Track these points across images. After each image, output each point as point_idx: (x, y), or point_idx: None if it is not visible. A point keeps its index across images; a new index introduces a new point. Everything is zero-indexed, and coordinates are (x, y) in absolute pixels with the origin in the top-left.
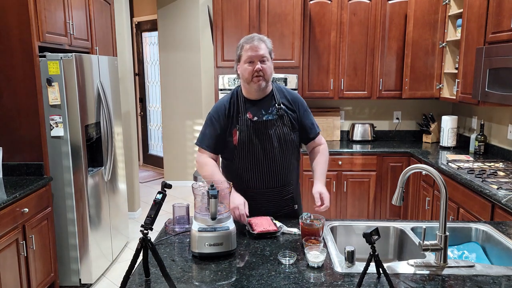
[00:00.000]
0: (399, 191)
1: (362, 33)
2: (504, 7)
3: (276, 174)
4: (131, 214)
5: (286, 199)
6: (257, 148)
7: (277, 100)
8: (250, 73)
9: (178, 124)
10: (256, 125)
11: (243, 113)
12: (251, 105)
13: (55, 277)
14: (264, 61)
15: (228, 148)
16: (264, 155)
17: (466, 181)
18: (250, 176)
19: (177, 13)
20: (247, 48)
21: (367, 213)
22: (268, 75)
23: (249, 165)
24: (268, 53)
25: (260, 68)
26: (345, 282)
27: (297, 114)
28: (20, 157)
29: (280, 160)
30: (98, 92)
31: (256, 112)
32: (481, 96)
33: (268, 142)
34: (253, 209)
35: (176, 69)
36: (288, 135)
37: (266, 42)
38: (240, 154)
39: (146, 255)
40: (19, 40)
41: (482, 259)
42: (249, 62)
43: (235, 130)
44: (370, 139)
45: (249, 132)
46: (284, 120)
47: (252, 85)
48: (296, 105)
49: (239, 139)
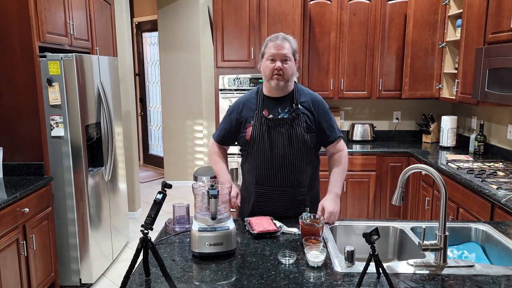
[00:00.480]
0: (398, 191)
1: (362, 33)
2: (504, 7)
3: (285, 174)
4: (131, 214)
5: (297, 201)
6: (267, 145)
7: (296, 100)
8: (270, 70)
9: (178, 124)
10: (269, 122)
11: (259, 110)
12: (270, 102)
13: (55, 277)
14: (285, 61)
15: (242, 143)
16: (273, 153)
17: (466, 181)
18: (260, 172)
19: (177, 13)
20: (271, 46)
21: (367, 213)
22: (289, 74)
23: (259, 162)
24: (292, 53)
25: (281, 67)
26: (345, 282)
27: (315, 116)
28: (20, 157)
29: (289, 160)
30: (99, 92)
31: (272, 110)
32: (481, 96)
33: (278, 140)
34: (262, 206)
35: (176, 69)
36: (300, 136)
37: (291, 42)
38: (251, 149)
39: (147, 255)
40: (20, 40)
41: (481, 259)
42: (271, 60)
43: (248, 125)
44: (370, 139)
45: (262, 129)
46: (300, 120)
47: (271, 82)
48: (315, 106)
49: (251, 135)
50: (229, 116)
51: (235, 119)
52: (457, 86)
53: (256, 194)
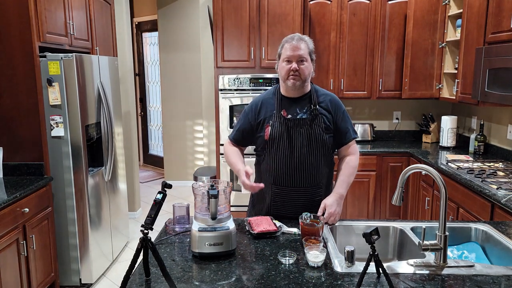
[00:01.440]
0: (398, 191)
1: (362, 33)
2: (504, 7)
3: (303, 173)
4: (131, 214)
5: (314, 201)
6: (286, 145)
7: (314, 101)
8: (286, 71)
9: (178, 124)
10: (288, 122)
11: (278, 110)
12: (288, 103)
13: (55, 277)
14: (302, 61)
15: (259, 143)
16: (292, 153)
17: (466, 181)
18: (278, 172)
19: (177, 13)
20: (287, 47)
21: (367, 213)
22: (305, 75)
23: (278, 161)
24: (308, 53)
25: (297, 68)
26: (345, 281)
27: (333, 116)
28: (20, 157)
29: (308, 160)
30: (99, 92)
31: (291, 110)
32: (481, 96)
33: (298, 140)
34: (279, 206)
35: (176, 69)
36: (319, 136)
37: (307, 43)
38: (270, 149)
39: (147, 255)
40: (20, 40)
41: (481, 259)
42: (287, 61)
43: (267, 126)
44: (370, 139)
45: (281, 129)
46: (318, 120)
47: (287, 83)
48: (333, 107)
49: (270, 134)
50: (246, 117)
51: (253, 119)
52: (457, 86)
53: (273, 194)
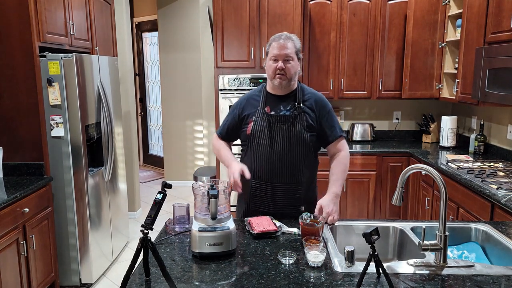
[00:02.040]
0: (398, 191)
1: (362, 33)
2: (504, 7)
3: (282, 170)
4: (131, 214)
5: (293, 198)
6: (266, 140)
7: (298, 99)
8: (273, 70)
9: (178, 124)
10: (270, 118)
11: (262, 106)
12: (273, 100)
13: (55, 277)
14: (288, 60)
15: (243, 137)
16: (272, 148)
17: (466, 181)
18: (258, 167)
19: (177, 13)
20: (274, 45)
21: (367, 213)
22: (291, 74)
23: (258, 156)
24: (295, 52)
25: (283, 67)
26: (345, 282)
27: (317, 115)
28: (20, 157)
29: (288, 156)
30: (99, 92)
31: (275, 107)
32: (481, 96)
33: (278, 137)
34: (259, 200)
35: (176, 69)
36: (300, 134)
37: (294, 41)
38: (251, 144)
39: (147, 255)
40: (20, 40)
41: (481, 259)
42: (274, 59)
43: (250, 121)
44: (370, 139)
45: (263, 124)
46: (301, 118)
47: (274, 81)
48: (318, 106)
49: (252, 129)
50: (232, 112)
51: (237, 115)
52: (457, 86)
53: (252, 188)
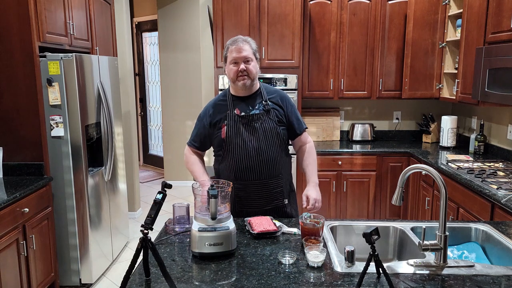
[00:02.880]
0: (399, 191)
1: (362, 33)
2: (504, 7)
3: (262, 166)
4: (131, 214)
5: (275, 192)
6: (243, 140)
7: (264, 97)
8: (235, 73)
9: (178, 124)
10: (243, 119)
11: (231, 110)
12: (240, 102)
13: (55, 277)
14: (248, 62)
15: (217, 143)
16: (249, 148)
17: (466, 181)
18: (238, 168)
19: (177, 13)
20: (232, 49)
21: (367, 213)
22: (253, 74)
23: (236, 158)
24: (253, 53)
25: (244, 68)
26: (345, 282)
27: (285, 110)
28: (20, 157)
29: (266, 153)
30: (99, 92)
31: (243, 108)
32: (481, 96)
33: (254, 135)
34: (244, 200)
35: (176, 69)
36: (274, 129)
37: (250, 43)
38: (228, 147)
39: (146, 255)
40: (19, 40)
41: (481, 259)
42: (234, 63)
43: (223, 125)
44: (370, 139)
45: (236, 126)
46: (271, 114)
47: (237, 83)
48: (283, 102)
49: (227, 133)
50: (201, 122)
51: (208, 123)
52: (457, 86)
53: (236, 189)
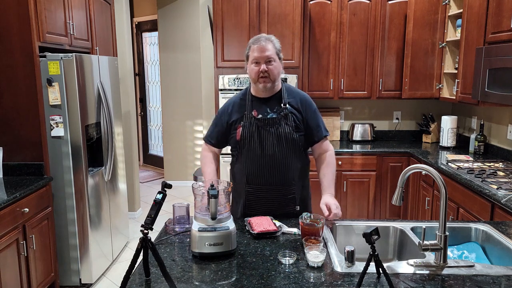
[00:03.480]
0: (399, 191)
1: (362, 33)
2: (504, 7)
3: (275, 172)
4: (131, 214)
5: (287, 199)
6: (256, 144)
7: (284, 100)
8: (256, 73)
9: (178, 124)
10: (259, 122)
11: (248, 111)
12: (259, 103)
13: (55, 277)
14: (270, 62)
15: (232, 143)
16: (263, 152)
17: (466, 181)
18: (250, 171)
19: (177, 13)
20: (254, 48)
21: (367, 213)
22: (275, 75)
23: (250, 161)
24: (275, 53)
25: (266, 69)
26: (345, 282)
27: (303, 115)
28: (20, 157)
29: (279, 159)
30: (99, 92)
31: (261, 110)
32: (481, 96)
33: (268, 140)
34: (253, 205)
35: (176, 69)
36: (289, 135)
37: (274, 42)
38: (242, 149)
39: (146, 255)
40: (19, 40)
41: (481, 259)
42: (256, 62)
43: (239, 126)
44: (370, 139)
45: (252, 129)
46: (288, 119)
47: (258, 85)
48: (303, 106)
49: (241, 135)
50: (219, 118)
51: (225, 121)
52: (457, 86)
53: (247, 193)
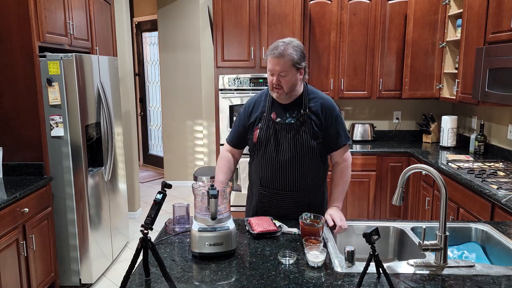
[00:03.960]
0: (399, 191)
1: (362, 33)
2: (504, 7)
3: (288, 178)
4: (131, 214)
5: (300, 205)
6: (272, 148)
7: (304, 105)
8: (270, 83)
9: (178, 124)
10: (277, 126)
11: (268, 113)
12: (279, 106)
13: (55, 277)
14: (284, 75)
15: (250, 144)
16: (278, 157)
17: (466, 181)
18: (264, 174)
19: (177, 13)
20: (269, 60)
21: (367, 213)
22: (288, 87)
23: (264, 164)
24: (291, 65)
25: (277, 83)
26: (345, 282)
27: (323, 121)
28: (20, 157)
29: (294, 165)
30: (98, 92)
31: (281, 113)
32: (481, 96)
33: (284, 145)
34: (266, 207)
35: (176, 69)
36: (306, 142)
37: (291, 55)
38: (258, 152)
39: (146, 255)
40: (19, 40)
41: (482, 259)
42: (271, 73)
43: (256, 128)
44: (370, 139)
45: (269, 132)
46: (306, 126)
47: (273, 94)
48: (324, 111)
49: (258, 137)
50: (240, 119)
51: (246, 122)
52: (457, 86)
53: (260, 195)
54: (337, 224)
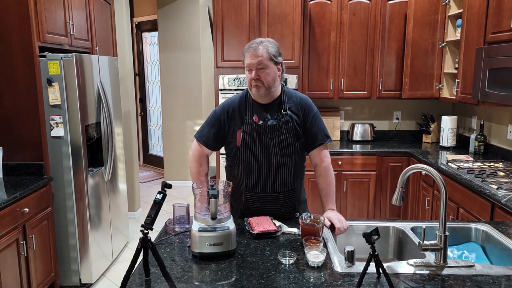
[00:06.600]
0: (399, 191)
1: (362, 33)
2: (504, 7)
3: (275, 179)
4: (131, 214)
5: (287, 206)
6: (258, 151)
7: (284, 106)
8: (249, 80)
9: (178, 124)
10: (260, 128)
11: (249, 116)
12: (259, 108)
13: (55, 277)
14: (262, 68)
15: (231, 149)
16: (264, 159)
17: (466, 181)
18: (250, 178)
19: (177, 13)
20: (247, 56)
21: (367, 213)
22: (268, 81)
23: (250, 168)
24: (268, 59)
25: (257, 77)
26: (345, 282)
27: (302, 119)
28: (20, 157)
29: (280, 166)
30: (98, 92)
31: (262, 115)
32: (481, 96)
33: (269, 147)
34: (254, 211)
35: (176, 69)
36: (291, 143)
37: (267, 48)
38: (242, 156)
39: (146, 255)
40: (20, 40)
41: (481, 259)
42: (249, 70)
43: (239, 131)
44: (370, 139)
45: (253, 135)
46: (289, 126)
47: (252, 91)
48: (303, 109)
49: (242, 141)
50: (216, 118)
51: (224, 123)
52: (457, 86)
53: (246, 200)
54: (336, 226)
